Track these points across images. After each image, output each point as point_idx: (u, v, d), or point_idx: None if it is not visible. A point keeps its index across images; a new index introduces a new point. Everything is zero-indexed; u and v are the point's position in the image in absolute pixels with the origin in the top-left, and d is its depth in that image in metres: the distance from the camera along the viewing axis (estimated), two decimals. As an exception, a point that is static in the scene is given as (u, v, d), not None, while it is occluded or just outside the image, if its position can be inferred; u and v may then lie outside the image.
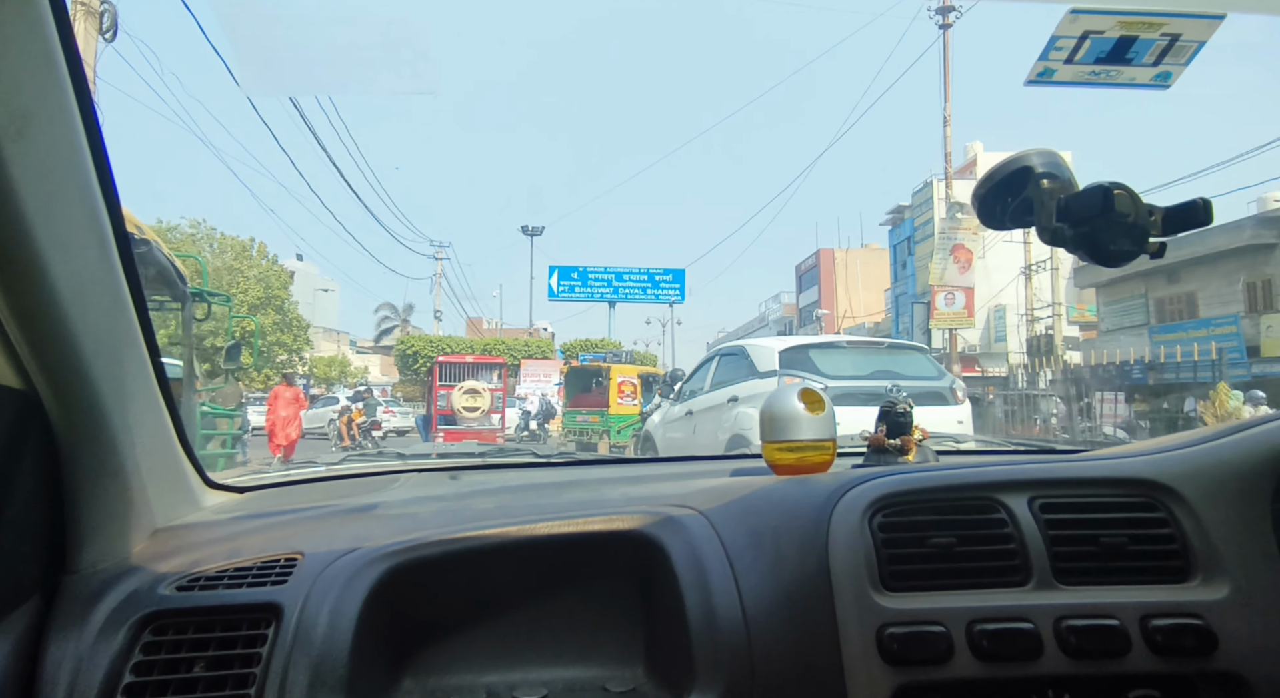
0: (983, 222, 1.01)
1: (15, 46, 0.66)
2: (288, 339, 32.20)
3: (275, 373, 31.76)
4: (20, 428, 0.84)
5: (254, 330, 25.47)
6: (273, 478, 1.57)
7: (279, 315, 31.61)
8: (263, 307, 30.69)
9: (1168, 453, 1.04)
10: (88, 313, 0.81)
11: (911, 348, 7.49)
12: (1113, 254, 0.89)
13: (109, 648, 0.84)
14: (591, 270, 34.21)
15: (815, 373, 6.31)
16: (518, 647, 1.00)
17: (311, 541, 1.02)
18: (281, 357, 32.65)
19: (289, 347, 32.68)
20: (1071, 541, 0.93)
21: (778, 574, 0.91)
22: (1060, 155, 0.95)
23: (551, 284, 33.90)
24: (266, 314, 30.60)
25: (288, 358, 33.28)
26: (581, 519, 1.04)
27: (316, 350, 44.38)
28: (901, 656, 0.84)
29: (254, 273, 30.94)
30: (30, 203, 0.69)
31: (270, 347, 30.99)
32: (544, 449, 2.07)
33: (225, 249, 30.80)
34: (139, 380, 0.96)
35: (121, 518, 0.96)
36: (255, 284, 30.70)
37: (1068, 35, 1.16)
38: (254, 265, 31.24)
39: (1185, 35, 1.13)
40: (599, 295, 34.07)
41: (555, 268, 34.29)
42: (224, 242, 30.93)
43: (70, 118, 0.75)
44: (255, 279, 30.81)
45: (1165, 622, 0.87)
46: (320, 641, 0.85)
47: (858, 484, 0.97)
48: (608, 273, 34.14)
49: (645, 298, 34.82)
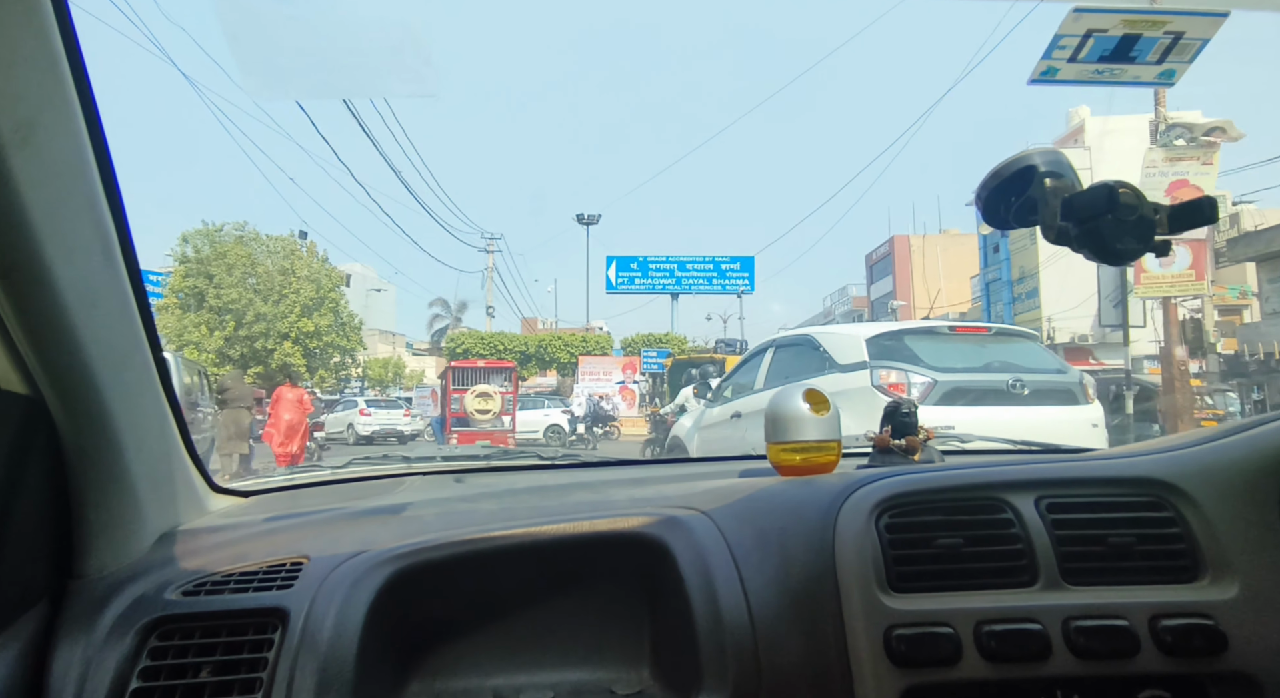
0: (987, 221, 1.00)
1: (20, 56, 0.67)
2: (341, 340, 31.63)
3: (329, 375, 31.51)
4: (27, 434, 0.84)
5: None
6: (277, 482, 1.57)
7: (332, 316, 31.06)
8: (315, 307, 30.26)
9: (1175, 452, 1.04)
10: (93, 319, 0.82)
11: (1022, 334, 6.20)
12: (1118, 253, 0.88)
13: (116, 653, 0.84)
14: (652, 260, 32.35)
15: (918, 365, 5.17)
16: (524, 649, 1.01)
17: (317, 544, 1.02)
18: (335, 358, 32.13)
19: (343, 348, 32.06)
20: (1079, 541, 0.92)
21: (784, 576, 0.91)
22: (1063, 154, 0.95)
23: (609, 276, 32.16)
24: (320, 315, 30.26)
25: (341, 359, 32.74)
26: (586, 521, 1.04)
27: (371, 352, 43.12)
28: (909, 657, 0.83)
29: (305, 273, 30.48)
30: (36, 210, 0.70)
31: (324, 348, 30.74)
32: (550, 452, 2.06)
33: (276, 250, 30.45)
34: (144, 386, 0.97)
35: (128, 523, 0.97)
36: (307, 284, 30.24)
37: (1071, 34, 1.16)
38: (305, 265, 30.83)
39: (1189, 33, 1.12)
40: (661, 287, 32.15)
41: (613, 258, 32.38)
42: (274, 242, 30.60)
43: (75, 125, 0.76)
44: (306, 279, 30.36)
45: (1174, 622, 0.86)
46: (327, 644, 0.86)
47: (864, 485, 0.97)
48: (669, 262, 32.22)
49: (711, 289, 32.58)
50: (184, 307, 28.84)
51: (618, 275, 32.14)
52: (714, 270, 32.27)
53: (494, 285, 36.52)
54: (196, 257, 29.06)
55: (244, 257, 29.17)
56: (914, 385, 5.01)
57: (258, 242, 30.32)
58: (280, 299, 29.30)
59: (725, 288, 32.49)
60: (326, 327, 30.37)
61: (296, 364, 29.31)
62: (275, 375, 28.65)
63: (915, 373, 5.07)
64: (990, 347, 5.75)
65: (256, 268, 29.49)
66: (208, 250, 29.18)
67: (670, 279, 32.08)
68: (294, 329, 29.26)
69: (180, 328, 28.30)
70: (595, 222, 35.42)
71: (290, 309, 29.34)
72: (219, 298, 28.31)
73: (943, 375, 5.06)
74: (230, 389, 10.31)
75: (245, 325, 28.65)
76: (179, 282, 28.74)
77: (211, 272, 28.60)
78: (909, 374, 5.06)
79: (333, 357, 31.92)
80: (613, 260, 32.31)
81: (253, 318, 28.69)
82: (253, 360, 29.36)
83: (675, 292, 32.10)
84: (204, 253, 29.17)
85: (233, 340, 28.67)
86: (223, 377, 10.42)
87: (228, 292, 28.34)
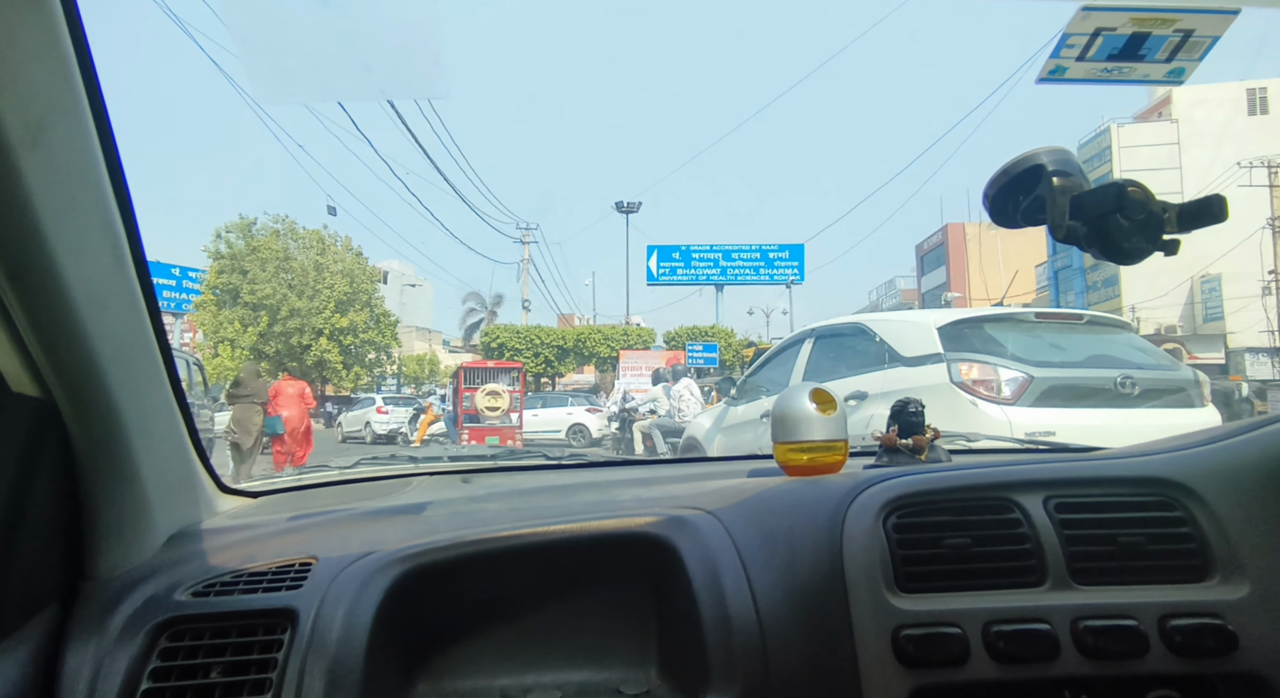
0: (994, 221, 1.00)
1: (31, 57, 0.67)
2: (375, 337, 30.94)
3: (365, 372, 30.93)
4: (38, 435, 0.84)
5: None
6: (286, 482, 1.58)
7: (367, 312, 30.41)
8: (350, 303, 29.66)
9: (1184, 451, 1.03)
10: (103, 320, 0.82)
11: (1118, 324, 5.01)
12: (1127, 251, 0.88)
13: (127, 653, 0.84)
14: (695, 249, 30.30)
15: (1007, 358, 4.21)
16: (531, 649, 1.01)
17: (325, 545, 1.03)
18: (370, 355, 31.43)
19: (377, 344, 31.33)
20: (1088, 540, 0.92)
21: (791, 576, 0.91)
22: (1071, 152, 0.95)
23: (650, 266, 30.30)
24: (356, 311, 29.68)
25: (376, 356, 32.02)
26: (594, 521, 1.04)
27: (407, 349, 42.73)
28: (917, 658, 0.83)
29: (339, 267, 29.86)
30: (46, 212, 0.70)
31: (360, 345, 30.10)
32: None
33: (310, 244, 29.79)
34: (154, 386, 0.97)
35: (138, 524, 0.98)
36: (340, 279, 29.60)
37: (1079, 32, 1.16)
38: (338, 259, 30.16)
39: (1199, 31, 1.13)
40: (705, 277, 30.14)
41: (654, 248, 30.45)
42: (308, 236, 29.92)
43: (85, 127, 0.76)
44: (340, 274, 29.72)
45: (1184, 622, 0.86)
46: (335, 645, 0.86)
47: (871, 485, 0.97)
48: (714, 252, 30.16)
49: (758, 279, 30.63)
50: (220, 303, 28.49)
51: (659, 266, 30.34)
52: (761, 259, 30.27)
53: (529, 278, 34.64)
54: (230, 252, 28.61)
55: (278, 251, 28.70)
56: (1005, 382, 4.11)
57: (292, 235, 29.80)
58: (314, 294, 28.82)
59: (773, 278, 30.57)
60: (362, 323, 29.82)
61: (333, 361, 29.03)
62: (311, 373, 28.69)
63: (1006, 367, 4.14)
64: (1086, 337, 4.70)
65: (290, 262, 29.00)
66: (242, 245, 28.74)
67: (714, 269, 30.16)
68: (328, 325, 28.81)
69: (216, 324, 28.04)
70: (635, 209, 33.22)
71: (325, 304, 28.86)
72: (253, 293, 27.88)
73: (1039, 370, 4.13)
74: (244, 383, 9.27)
75: (280, 321, 28.23)
76: (214, 278, 28.35)
77: (246, 267, 28.17)
78: (998, 369, 4.14)
79: (368, 353, 31.27)
80: (654, 250, 30.50)
81: (287, 313, 28.24)
82: (288, 358, 28.97)
83: (720, 282, 30.17)
84: (238, 248, 28.71)
85: (267, 337, 28.27)
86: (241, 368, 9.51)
87: (261, 287, 27.89)
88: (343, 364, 29.94)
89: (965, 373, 4.16)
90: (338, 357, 29.45)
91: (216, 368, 28.91)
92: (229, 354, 27.89)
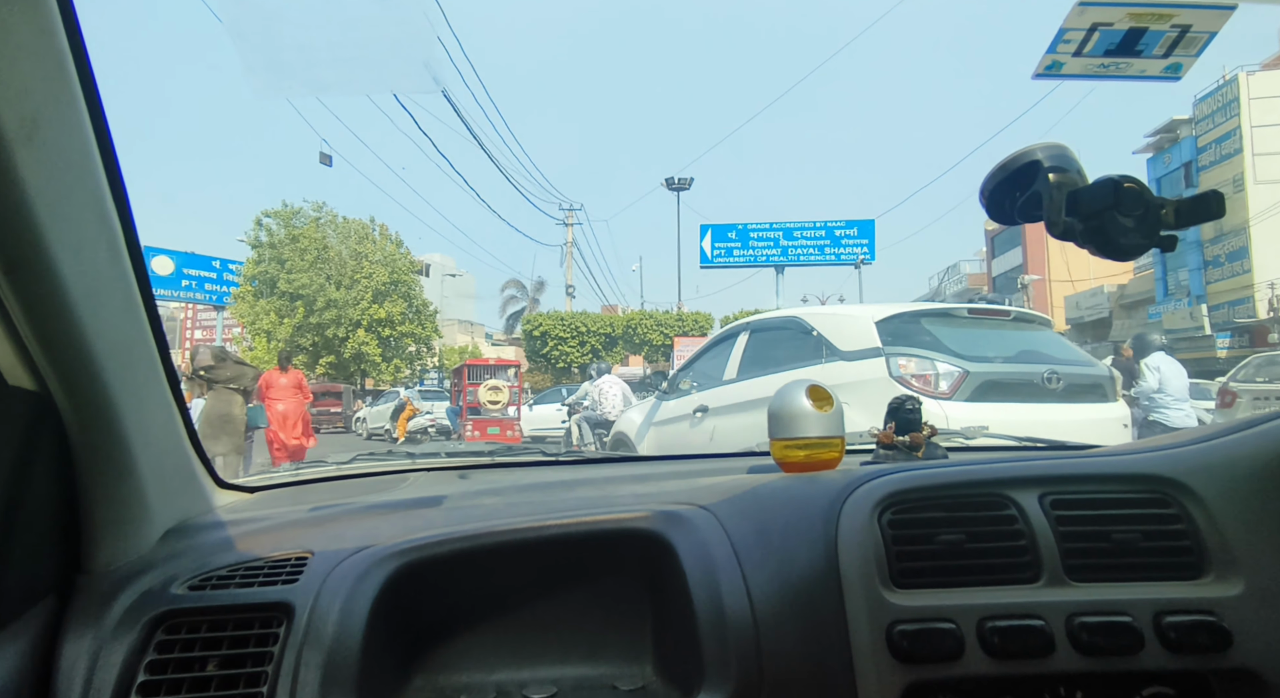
0: (991, 216, 1.00)
1: (25, 51, 0.67)
2: (415, 329, 30.05)
3: (405, 365, 30.01)
4: (34, 429, 0.84)
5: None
6: (282, 477, 1.58)
7: (404, 303, 29.50)
8: (388, 293, 28.86)
9: (1180, 448, 1.03)
10: (99, 314, 0.82)
11: (1040, 320, 5.21)
12: (1124, 248, 0.88)
13: (123, 647, 0.85)
14: (754, 228, 26.56)
15: (944, 352, 4.33)
16: (527, 645, 1.01)
17: (321, 539, 1.03)
18: (411, 347, 30.55)
19: (417, 336, 30.43)
20: (1083, 537, 0.92)
21: (786, 572, 0.91)
22: (1068, 148, 0.95)
23: (704, 247, 26.56)
24: (393, 301, 28.85)
25: (417, 349, 31.08)
26: (589, 517, 1.04)
27: (449, 342, 41.21)
28: (912, 653, 0.84)
29: (378, 257, 29.05)
30: (41, 206, 0.70)
31: (399, 337, 29.31)
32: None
33: (349, 233, 29.00)
34: (150, 380, 0.97)
35: (134, 518, 0.98)
36: (380, 268, 28.73)
37: (1076, 28, 1.15)
38: (378, 248, 29.31)
39: (1196, 26, 1.12)
40: (765, 258, 26.39)
41: (709, 228, 26.65)
42: (346, 225, 29.16)
43: (80, 121, 0.76)
44: (380, 263, 28.90)
45: (1179, 619, 0.86)
46: (331, 639, 0.86)
47: (867, 481, 0.97)
48: (774, 230, 26.44)
49: (823, 259, 26.52)
50: (257, 294, 27.87)
51: (714, 247, 26.58)
52: (826, 237, 26.46)
53: (573, 263, 32.28)
54: (270, 240, 28.07)
55: (316, 240, 27.97)
56: (942, 377, 4.21)
57: (332, 225, 29.06)
58: (352, 284, 28.14)
59: (840, 258, 26.51)
60: (399, 314, 29.03)
61: (371, 354, 28.35)
62: (349, 366, 28.15)
63: (944, 362, 4.24)
64: (1014, 333, 4.89)
65: (328, 252, 28.26)
66: (283, 233, 28.13)
67: (774, 249, 26.41)
68: (366, 316, 28.10)
69: (253, 315, 27.48)
70: (687, 186, 30.02)
71: (362, 295, 28.14)
72: (289, 283, 27.26)
73: (974, 365, 4.22)
74: (216, 367, 7.75)
75: (316, 312, 27.59)
76: (251, 268, 27.72)
77: (284, 256, 27.53)
78: (935, 364, 4.23)
79: (408, 346, 30.46)
80: (708, 230, 26.76)
81: (323, 304, 27.61)
82: (325, 350, 28.49)
83: (781, 264, 26.35)
84: (278, 236, 28.13)
85: (303, 328, 27.67)
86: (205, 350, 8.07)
87: (298, 277, 27.25)
88: (381, 357, 29.31)
89: (904, 368, 4.23)
90: (376, 349, 28.82)
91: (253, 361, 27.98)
92: (264, 347, 27.28)
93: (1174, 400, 7.08)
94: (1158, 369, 7.13)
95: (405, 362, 30.73)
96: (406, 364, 31.07)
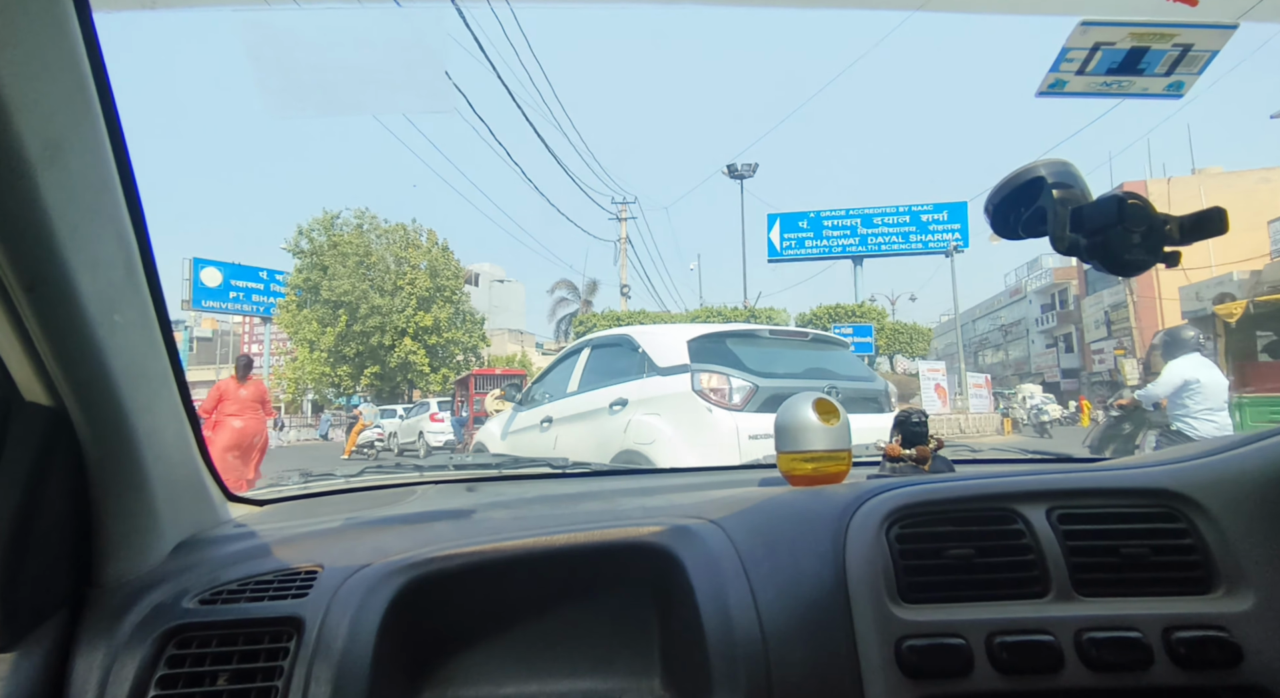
0: (996, 232, 1.01)
1: (49, 76, 0.69)
2: (462, 336, 28.85)
3: (453, 373, 28.33)
4: (49, 444, 0.85)
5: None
6: (292, 491, 1.59)
7: (450, 308, 28.35)
8: (433, 299, 27.76)
9: (1188, 463, 1.03)
10: (115, 331, 0.83)
11: (837, 342, 6.08)
12: (1127, 264, 0.89)
13: (135, 660, 0.85)
14: (828, 215, 24.71)
15: (741, 370, 5.05)
16: (535, 659, 1.01)
17: (331, 553, 1.03)
18: (458, 356, 29.20)
19: (464, 345, 29.20)
20: (1091, 552, 0.92)
21: (794, 586, 0.91)
22: (1072, 164, 0.96)
23: (772, 239, 25.03)
24: (439, 307, 27.73)
25: (465, 358, 29.62)
26: (597, 531, 1.04)
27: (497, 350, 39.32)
28: (920, 668, 0.84)
29: (422, 262, 28.00)
30: (62, 226, 0.71)
31: (445, 344, 28.09)
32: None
33: (392, 238, 28.03)
34: (164, 396, 0.98)
35: (146, 532, 0.98)
36: (423, 274, 27.61)
37: (1079, 47, 1.16)
38: (423, 253, 28.21)
39: (1198, 45, 1.13)
40: (841, 249, 24.58)
41: (776, 217, 25.09)
42: (391, 230, 28.16)
43: (100, 143, 0.77)
44: (424, 269, 27.84)
45: (1188, 634, 0.86)
46: (341, 653, 0.87)
47: (875, 495, 0.97)
48: (850, 217, 24.51)
49: (907, 247, 24.71)
50: (301, 303, 27.27)
51: (783, 238, 24.95)
52: (911, 223, 24.70)
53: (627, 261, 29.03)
54: (312, 247, 27.23)
55: (359, 245, 27.05)
56: (735, 390, 4.90)
57: (375, 230, 28.12)
58: (395, 290, 27.12)
59: (927, 246, 24.64)
60: (445, 320, 27.91)
61: (418, 363, 27.40)
62: (395, 376, 27.11)
63: (737, 377, 4.96)
64: (808, 352, 5.69)
65: (370, 257, 27.25)
66: (324, 240, 27.29)
67: (851, 238, 24.55)
68: (410, 324, 27.09)
69: (296, 325, 26.84)
70: (751, 173, 26.72)
71: (406, 301, 27.09)
72: (332, 290, 26.31)
73: (764, 381, 4.93)
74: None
75: (359, 320, 26.63)
76: (295, 277, 27.15)
77: (326, 263, 26.67)
78: (730, 379, 4.94)
79: (455, 354, 29.26)
80: (775, 219, 25.19)
81: (366, 311, 26.61)
82: (370, 359, 27.51)
83: (859, 255, 24.54)
84: (320, 243, 27.27)
85: (346, 337, 26.76)
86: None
87: (340, 283, 26.23)
88: (429, 366, 28.39)
89: (705, 382, 4.84)
90: (424, 358, 27.79)
91: (294, 373, 27.71)
92: (306, 357, 26.84)
93: (1206, 411, 5.92)
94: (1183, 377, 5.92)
95: (453, 371, 29.34)
96: (455, 373, 29.27)
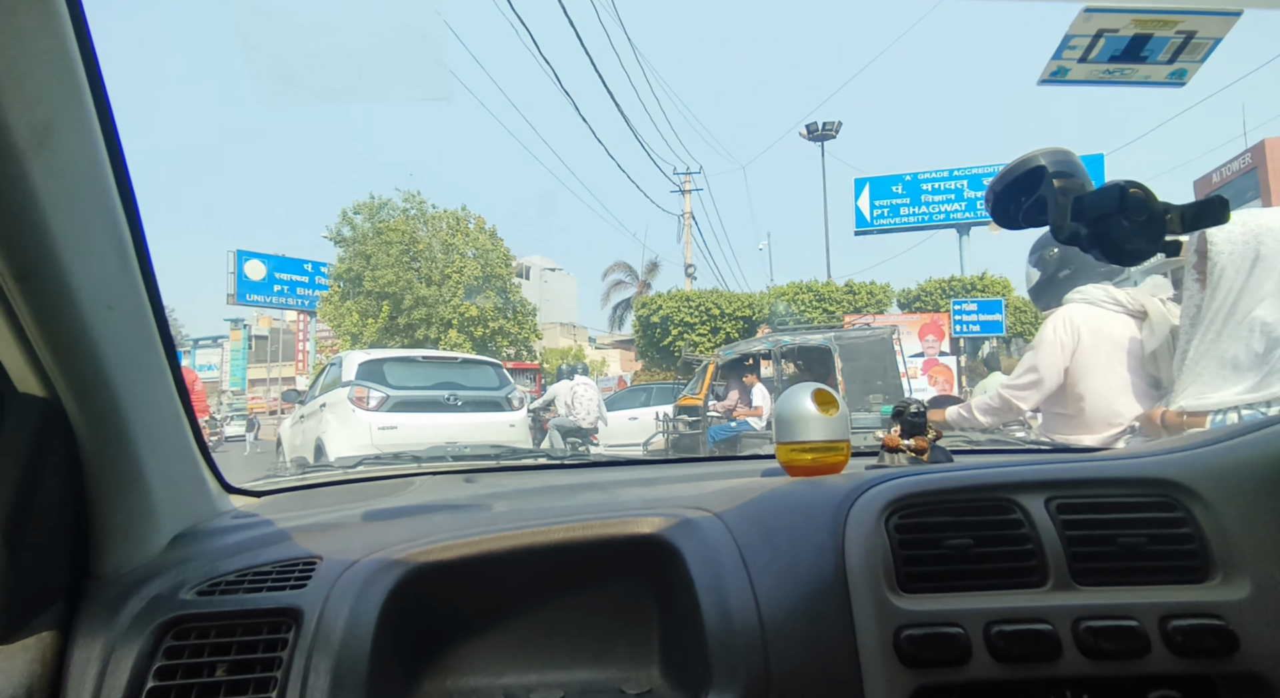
0: (997, 221, 1.01)
1: (38, 60, 0.67)
2: (512, 327, 26.62)
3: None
4: (44, 436, 0.85)
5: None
6: (290, 482, 1.59)
7: (500, 299, 26.25)
8: (481, 288, 25.73)
9: (1185, 452, 1.03)
10: (109, 321, 0.82)
11: (486, 363, 8.63)
12: (1129, 253, 0.89)
13: (133, 652, 0.85)
14: (926, 178, 20.91)
15: (383, 384, 7.29)
16: (534, 649, 1.01)
17: (329, 544, 1.03)
18: (506, 348, 27.06)
19: (514, 336, 27.06)
20: (1089, 541, 0.92)
21: (793, 576, 0.91)
22: (1073, 154, 0.96)
23: (860, 207, 21.39)
24: (485, 296, 25.68)
25: (516, 351, 27.60)
26: (596, 522, 1.04)
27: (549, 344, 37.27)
28: (919, 658, 0.84)
29: (471, 250, 26.14)
30: (53, 213, 0.71)
31: (493, 335, 25.81)
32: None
33: (440, 225, 26.12)
34: (159, 387, 0.97)
35: (143, 523, 0.98)
36: (472, 262, 25.75)
37: (1082, 34, 1.14)
38: (471, 241, 26.25)
39: (1200, 32, 1.11)
40: (943, 216, 20.80)
41: (865, 181, 21.47)
42: (438, 217, 26.16)
43: (91, 129, 0.76)
44: (473, 257, 25.99)
45: (1185, 623, 0.86)
46: (340, 644, 0.87)
47: (873, 485, 0.97)
48: (953, 178, 20.62)
49: None
50: (344, 295, 25.68)
51: (873, 206, 21.31)
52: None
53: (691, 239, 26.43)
54: (355, 235, 25.44)
55: (404, 233, 25.12)
56: (373, 397, 7.17)
57: (423, 217, 26.11)
58: (443, 280, 25.16)
59: None
60: (491, 310, 25.65)
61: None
62: None
63: (375, 389, 7.21)
64: (448, 369, 8.16)
65: (417, 245, 25.30)
66: (368, 227, 25.43)
67: (956, 204, 20.66)
68: (456, 315, 25.05)
69: (338, 317, 25.43)
70: (833, 134, 23.48)
71: (453, 291, 25.15)
72: (375, 281, 24.56)
73: (395, 392, 7.23)
74: None
75: (404, 312, 24.80)
76: (338, 267, 25.76)
77: (369, 252, 24.81)
78: (370, 390, 7.19)
79: (503, 346, 26.94)
80: (864, 184, 21.53)
81: (411, 302, 24.75)
82: None
83: (965, 222, 20.69)
84: (363, 230, 25.42)
85: (390, 330, 24.99)
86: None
87: (384, 273, 24.42)
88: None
89: (357, 393, 7.17)
90: (471, 352, 24.80)
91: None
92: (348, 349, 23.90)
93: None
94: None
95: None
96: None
